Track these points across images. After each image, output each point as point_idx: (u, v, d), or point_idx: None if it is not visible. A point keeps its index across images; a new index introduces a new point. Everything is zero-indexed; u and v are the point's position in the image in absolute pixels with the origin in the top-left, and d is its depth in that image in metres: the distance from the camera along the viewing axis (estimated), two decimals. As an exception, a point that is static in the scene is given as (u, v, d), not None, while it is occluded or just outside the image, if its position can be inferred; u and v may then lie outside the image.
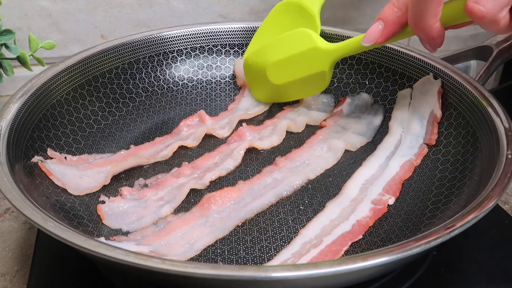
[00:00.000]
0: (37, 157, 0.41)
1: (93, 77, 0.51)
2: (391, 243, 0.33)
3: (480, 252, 0.39)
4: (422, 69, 0.50)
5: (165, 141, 0.49)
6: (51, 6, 0.57)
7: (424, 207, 0.41)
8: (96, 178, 0.43)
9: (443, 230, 0.29)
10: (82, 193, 0.41)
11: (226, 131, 0.51)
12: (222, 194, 0.41)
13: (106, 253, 0.27)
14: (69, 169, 0.43)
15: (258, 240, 0.38)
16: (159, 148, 0.48)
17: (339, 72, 0.57)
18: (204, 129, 0.50)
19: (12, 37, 0.45)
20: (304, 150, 0.48)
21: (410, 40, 0.71)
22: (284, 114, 0.54)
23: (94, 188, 0.42)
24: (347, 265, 0.26)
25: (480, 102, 0.43)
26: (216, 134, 0.51)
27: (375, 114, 0.53)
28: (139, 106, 0.54)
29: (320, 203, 0.42)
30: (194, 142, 0.49)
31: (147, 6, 0.60)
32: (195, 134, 0.50)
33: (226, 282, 0.27)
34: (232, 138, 0.50)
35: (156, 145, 0.49)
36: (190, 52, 0.58)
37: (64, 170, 0.42)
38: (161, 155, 0.47)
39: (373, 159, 0.46)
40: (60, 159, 0.44)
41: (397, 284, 0.36)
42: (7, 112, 0.40)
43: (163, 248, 0.36)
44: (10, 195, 0.32)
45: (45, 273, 0.37)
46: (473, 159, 0.42)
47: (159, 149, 0.48)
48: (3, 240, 0.43)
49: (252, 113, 0.54)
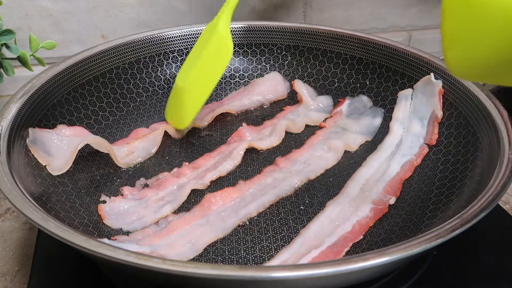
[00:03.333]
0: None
1: (93, 77, 0.51)
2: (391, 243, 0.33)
3: (480, 252, 0.39)
4: (423, 69, 0.50)
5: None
6: (51, 6, 0.57)
7: (425, 207, 0.41)
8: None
9: (443, 230, 0.29)
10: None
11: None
12: (223, 194, 0.41)
13: (106, 253, 0.27)
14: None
15: (259, 240, 0.38)
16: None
17: (340, 72, 0.57)
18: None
19: (13, 37, 0.45)
20: (305, 151, 0.48)
21: (411, 40, 0.71)
22: (283, 114, 0.54)
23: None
24: (348, 265, 0.26)
25: (481, 102, 0.43)
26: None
27: (374, 115, 0.53)
28: (139, 106, 0.54)
29: (321, 203, 0.42)
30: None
31: (147, 6, 0.60)
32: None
33: (226, 282, 0.27)
34: (232, 138, 0.50)
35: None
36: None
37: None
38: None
39: (374, 159, 0.46)
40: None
41: (397, 284, 0.36)
42: (7, 112, 0.40)
43: (164, 248, 0.36)
44: (10, 195, 0.32)
45: (45, 273, 0.37)
46: (474, 159, 0.42)
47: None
48: (3, 240, 0.43)
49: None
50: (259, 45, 0.59)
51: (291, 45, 0.59)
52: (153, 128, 0.51)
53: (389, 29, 0.71)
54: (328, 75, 0.58)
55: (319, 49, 0.58)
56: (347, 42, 0.56)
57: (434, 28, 0.72)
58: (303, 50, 0.58)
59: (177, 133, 0.51)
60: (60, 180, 0.42)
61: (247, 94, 0.57)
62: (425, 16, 0.71)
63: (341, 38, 0.56)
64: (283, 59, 0.59)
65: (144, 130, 0.50)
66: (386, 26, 0.71)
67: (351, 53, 0.56)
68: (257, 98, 0.57)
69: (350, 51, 0.56)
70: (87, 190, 0.43)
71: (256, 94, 0.57)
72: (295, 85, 0.56)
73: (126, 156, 0.47)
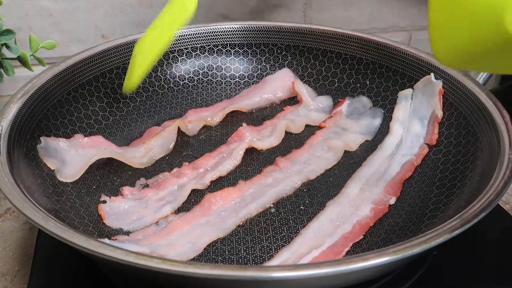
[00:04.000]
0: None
1: (94, 77, 0.51)
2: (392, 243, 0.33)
3: (480, 252, 0.39)
4: (423, 69, 0.50)
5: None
6: (51, 6, 0.57)
7: (425, 207, 0.41)
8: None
9: (444, 230, 0.29)
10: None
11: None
12: (223, 194, 0.41)
13: (106, 253, 0.27)
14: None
15: (259, 240, 0.38)
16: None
17: (340, 72, 0.57)
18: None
19: (13, 37, 0.45)
20: (305, 151, 0.48)
21: (411, 40, 0.71)
22: (283, 114, 0.54)
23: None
24: (348, 265, 0.26)
25: (481, 102, 0.43)
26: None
27: (374, 116, 0.53)
28: (140, 106, 0.54)
29: (321, 203, 0.42)
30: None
31: (147, 6, 0.60)
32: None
33: (226, 282, 0.27)
34: (232, 138, 0.50)
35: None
36: (190, 52, 0.58)
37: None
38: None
39: (374, 159, 0.46)
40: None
41: (397, 284, 0.36)
42: (7, 112, 0.40)
43: (164, 247, 0.36)
44: (11, 195, 0.32)
45: (45, 273, 0.37)
46: (474, 159, 0.42)
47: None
48: (3, 240, 0.43)
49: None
50: (259, 45, 0.59)
51: (291, 45, 0.59)
52: (166, 125, 0.51)
53: (389, 29, 0.71)
54: (328, 75, 0.58)
55: (319, 49, 0.58)
56: (347, 42, 0.56)
57: (434, 28, 0.72)
58: (303, 50, 0.58)
59: (189, 130, 0.51)
60: (60, 180, 0.42)
61: (257, 92, 0.57)
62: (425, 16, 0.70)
63: (341, 38, 0.56)
64: (283, 59, 0.59)
65: (157, 128, 0.51)
66: (386, 26, 0.71)
67: (351, 53, 0.56)
68: (268, 96, 0.57)
69: (350, 51, 0.56)
70: (87, 190, 0.43)
71: (266, 92, 0.57)
72: (295, 85, 0.56)
73: (144, 156, 0.47)
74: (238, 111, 0.55)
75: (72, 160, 0.44)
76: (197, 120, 0.53)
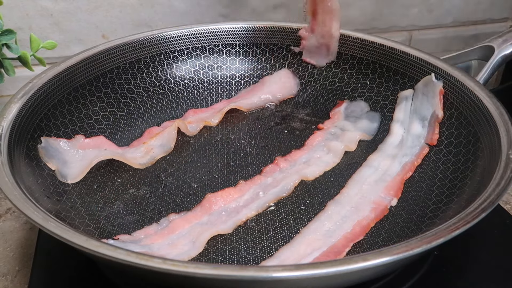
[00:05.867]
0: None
1: (94, 77, 0.51)
2: (392, 243, 0.33)
3: (481, 252, 0.39)
4: (424, 70, 0.50)
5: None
6: (52, 6, 0.57)
7: (426, 207, 0.41)
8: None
9: (444, 230, 0.29)
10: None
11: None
12: (224, 194, 0.41)
13: (107, 253, 0.27)
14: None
15: (259, 240, 0.38)
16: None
17: (340, 72, 0.57)
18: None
19: (14, 37, 0.45)
20: (305, 151, 0.48)
21: (411, 40, 0.71)
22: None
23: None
24: (348, 265, 0.26)
25: (482, 102, 0.43)
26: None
27: (371, 119, 0.53)
28: (140, 105, 0.54)
29: (321, 203, 0.42)
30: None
31: (148, 6, 0.60)
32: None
33: (227, 282, 0.27)
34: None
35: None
36: (191, 52, 0.58)
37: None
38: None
39: (374, 159, 0.46)
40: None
41: (398, 284, 0.36)
42: (8, 112, 0.40)
43: (166, 247, 0.36)
44: (11, 195, 0.32)
45: (46, 273, 0.37)
46: (475, 159, 0.42)
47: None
48: (4, 240, 0.43)
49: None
50: (259, 45, 0.59)
51: (292, 45, 0.59)
52: (165, 126, 0.51)
53: (389, 29, 0.71)
54: (329, 75, 0.58)
55: (319, 49, 0.58)
56: (347, 42, 0.56)
57: (435, 28, 0.72)
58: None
59: (189, 130, 0.51)
60: (61, 180, 0.42)
61: (256, 92, 0.57)
62: (425, 16, 0.71)
63: (341, 38, 0.56)
64: (284, 59, 0.59)
65: (157, 129, 0.50)
66: (387, 26, 0.71)
67: (352, 53, 0.56)
68: (266, 96, 0.57)
69: (351, 51, 0.56)
70: (88, 190, 0.43)
71: (265, 93, 0.57)
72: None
73: (144, 156, 0.47)
74: (238, 112, 0.55)
75: (72, 161, 0.44)
76: (197, 121, 0.52)
